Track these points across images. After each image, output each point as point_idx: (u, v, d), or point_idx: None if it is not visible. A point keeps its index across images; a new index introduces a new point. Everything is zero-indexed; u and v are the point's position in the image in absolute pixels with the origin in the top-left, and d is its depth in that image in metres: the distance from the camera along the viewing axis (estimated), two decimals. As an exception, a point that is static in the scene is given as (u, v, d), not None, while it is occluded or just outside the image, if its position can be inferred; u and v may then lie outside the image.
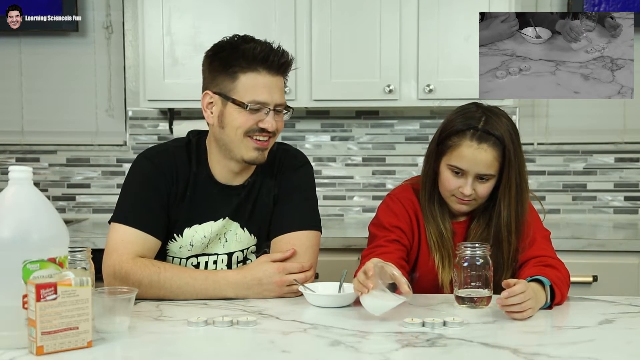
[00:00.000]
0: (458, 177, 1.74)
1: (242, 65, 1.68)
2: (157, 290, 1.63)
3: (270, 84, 1.70)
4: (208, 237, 1.77)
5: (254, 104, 1.68)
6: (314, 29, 2.75)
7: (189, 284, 1.64)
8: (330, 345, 1.30)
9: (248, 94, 1.68)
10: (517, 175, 1.74)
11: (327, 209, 3.13)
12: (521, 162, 1.75)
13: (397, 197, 1.85)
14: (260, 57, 1.68)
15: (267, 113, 1.69)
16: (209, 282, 1.65)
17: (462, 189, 1.73)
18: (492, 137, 1.71)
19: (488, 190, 1.75)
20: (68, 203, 3.21)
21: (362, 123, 3.13)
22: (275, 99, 1.70)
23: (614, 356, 1.26)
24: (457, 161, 1.73)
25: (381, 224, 1.81)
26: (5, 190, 1.28)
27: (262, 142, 1.71)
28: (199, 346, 1.31)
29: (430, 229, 1.80)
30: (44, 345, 1.20)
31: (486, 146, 1.71)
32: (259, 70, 1.69)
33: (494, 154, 1.71)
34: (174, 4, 2.77)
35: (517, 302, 1.46)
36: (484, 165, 1.71)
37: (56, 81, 3.18)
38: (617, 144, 3.09)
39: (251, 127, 1.69)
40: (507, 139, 1.71)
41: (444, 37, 2.74)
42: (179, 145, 1.81)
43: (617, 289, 2.45)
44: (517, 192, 1.75)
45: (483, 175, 1.73)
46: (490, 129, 1.71)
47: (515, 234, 1.75)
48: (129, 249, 1.66)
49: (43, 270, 1.24)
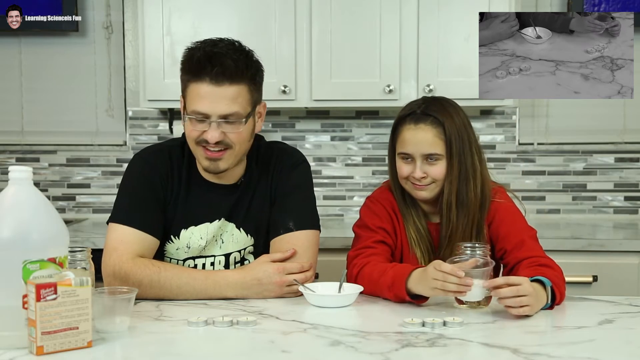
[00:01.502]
0: (408, 162, 1.78)
1: (187, 73, 1.66)
2: (157, 290, 1.63)
3: (212, 94, 1.62)
4: (205, 239, 1.77)
5: (193, 114, 1.65)
6: (314, 29, 2.75)
7: (189, 284, 1.64)
8: (330, 345, 1.30)
9: (191, 104, 1.66)
10: (462, 155, 1.76)
11: (327, 209, 3.13)
12: (467, 142, 1.77)
13: (377, 198, 1.89)
14: (196, 66, 1.63)
15: (210, 124, 1.65)
16: (209, 282, 1.65)
17: (413, 174, 1.77)
18: (430, 117, 1.76)
19: (441, 171, 1.76)
20: (68, 203, 3.21)
21: (362, 123, 3.13)
22: (217, 110, 1.63)
23: (614, 356, 1.26)
24: (401, 146, 1.79)
25: (365, 225, 1.84)
26: (5, 190, 1.28)
27: (212, 153, 1.68)
28: (199, 346, 1.31)
29: (408, 226, 1.83)
30: (44, 345, 1.20)
31: (423, 125, 1.76)
32: (202, 78, 1.63)
33: (434, 131, 1.75)
34: (174, 4, 2.77)
35: (510, 295, 1.46)
36: (425, 143, 1.75)
37: (56, 81, 3.18)
38: (617, 144, 3.09)
39: (198, 137, 1.67)
40: (446, 118, 1.75)
41: (444, 37, 2.74)
42: (175, 145, 1.81)
43: (617, 289, 2.45)
44: (460, 172, 1.76)
45: (430, 155, 1.75)
46: (428, 110, 1.77)
47: (455, 212, 1.76)
48: (128, 249, 1.66)
49: (43, 270, 1.24)
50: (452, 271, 1.48)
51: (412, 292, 1.57)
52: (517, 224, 1.81)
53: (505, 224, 1.80)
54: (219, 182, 1.79)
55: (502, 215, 1.81)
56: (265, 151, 1.84)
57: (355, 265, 1.74)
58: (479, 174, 1.79)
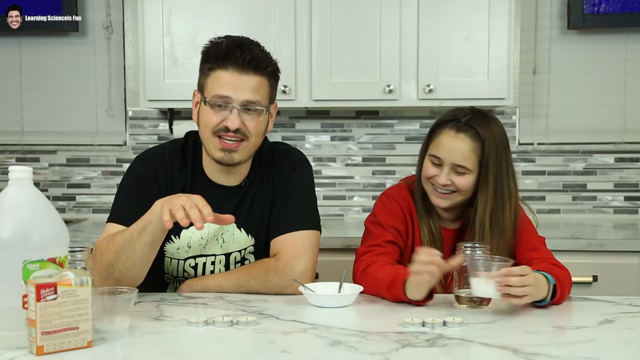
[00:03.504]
0: (436, 166, 1.77)
1: (211, 62, 1.69)
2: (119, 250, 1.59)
3: (237, 80, 1.67)
4: (205, 238, 1.77)
5: (215, 99, 1.67)
6: (314, 29, 2.75)
7: (126, 232, 1.61)
8: (330, 345, 1.30)
9: (213, 90, 1.68)
10: (498, 176, 1.74)
11: (327, 209, 3.13)
12: (505, 165, 1.75)
13: (393, 196, 1.87)
14: (223, 52, 1.67)
15: (231, 110, 1.67)
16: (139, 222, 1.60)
17: (437, 178, 1.75)
18: (472, 130, 1.73)
19: (465, 184, 1.75)
20: (68, 203, 3.21)
21: (362, 123, 3.13)
22: (240, 96, 1.67)
23: (614, 356, 1.26)
24: (435, 149, 1.77)
25: (379, 222, 1.83)
26: (5, 190, 1.28)
27: (227, 143, 1.69)
28: (199, 346, 1.31)
29: (423, 227, 1.82)
30: (44, 345, 1.20)
31: (463, 135, 1.73)
32: (226, 67, 1.67)
33: (471, 145, 1.73)
34: (174, 4, 2.77)
35: (517, 284, 1.46)
36: (459, 154, 1.73)
37: (56, 81, 3.18)
38: (617, 144, 3.09)
39: (217, 125, 1.68)
40: (487, 135, 1.73)
41: (444, 37, 2.73)
42: (175, 148, 1.81)
43: (617, 289, 2.45)
44: (495, 193, 1.74)
45: (459, 167, 1.74)
46: (472, 123, 1.74)
47: (489, 232, 1.75)
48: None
49: (43, 270, 1.24)
50: (429, 253, 1.50)
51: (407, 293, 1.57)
52: (527, 230, 1.82)
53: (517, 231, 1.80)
54: (223, 183, 1.79)
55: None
56: (268, 152, 1.84)
57: (363, 261, 1.74)
58: (514, 198, 1.78)
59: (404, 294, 1.57)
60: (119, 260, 1.60)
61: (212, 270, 1.80)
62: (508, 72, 2.72)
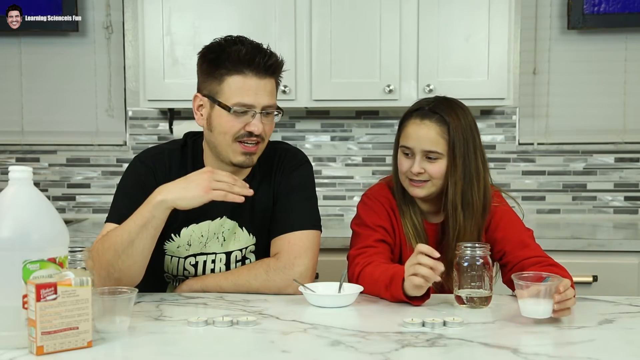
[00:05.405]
0: (408, 158, 1.79)
1: (228, 68, 1.67)
2: (117, 248, 1.60)
3: (256, 86, 1.67)
4: (205, 236, 1.78)
5: (239, 107, 1.67)
6: (314, 29, 2.75)
7: (123, 230, 1.61)
8: (330, 345, 1.30)
9: (233, 97, 1.67)
10: (466, 157, 1.76)
11: (327, 209, 3.13)
12: (472, 147, 1.77)
13: (375, 195, 1.89)
14: (245, 59, 1.66)
15: (254, 116, 1.68)
16: (136, 219, 1.61)
17: (411, 169, 1.77)
18: (436, 115, 1.77)
19: (438, 170, 1.77)
20: (68, 203, 3.21)
21: (362, 123, 3.13)
22: (261, 102, 1.68)
23: (614, 356, 1.26)
24: (404, 140, 1.80)
25: (364, 223, 1.84)
26: (5, 190, 1.28)
27: (250, 147, 1.70)
28: (199, 346, 1.31)
29: (406, 222, 1.84)
30: (44, 345, 1.20)
31: (428, 122, 1.77)
32: (244, 72, 1.66)
33: (437, 129, 1.75)
34: (174, 4, 2.77)
35: (571, 296, 1.47)
36: (427, 140, 1.76)
37: (56, 81, 3.18)
38: (617, 144, 3.09)
39: (238, 132, 1.68)
40: (452, 118, 1.76)
41: (444, 37, 2.74)
42: (174, 148, 1.81)
43: (617, 289, 2.46)
44: (464, 174, 1.76)
45: (430, 153, 1.76)
46: (436, 108, 1.78)
47: (461, 213, 1.77)
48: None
49: (43, 270, 1.24)
50: (429, 251, 1.50)
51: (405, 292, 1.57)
52: (514, 226, 1.82)
53: (502, 226, 1.81)
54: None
55: (499, 219, 1.82)
56: (269, 151, 1.84)
57: (358, 264, 1.74)
58: (482, 179, 1.80)
59: (403, 293, 1.57)
60: (119, 259, 1.60)
61: (213, 268, 1.80)
62: (508, 72, 2.72)
